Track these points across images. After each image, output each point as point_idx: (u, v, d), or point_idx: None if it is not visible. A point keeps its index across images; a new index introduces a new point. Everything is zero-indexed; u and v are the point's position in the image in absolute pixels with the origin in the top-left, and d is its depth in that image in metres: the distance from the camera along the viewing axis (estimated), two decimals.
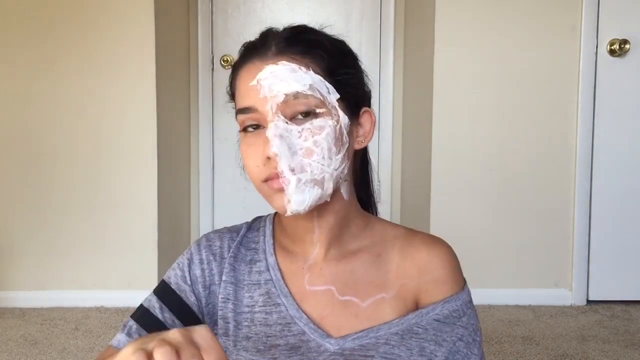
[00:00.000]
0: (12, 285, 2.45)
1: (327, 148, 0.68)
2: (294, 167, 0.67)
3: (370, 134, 0.76)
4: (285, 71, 0.68)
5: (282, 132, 0.67)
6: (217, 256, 0.79)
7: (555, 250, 2.47)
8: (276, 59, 0.69)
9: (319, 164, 0.68)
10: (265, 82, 0.68)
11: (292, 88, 0.67)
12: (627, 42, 2.37)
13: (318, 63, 0.70)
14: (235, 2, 2.99)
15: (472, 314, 0.76)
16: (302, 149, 0.67)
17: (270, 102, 0.67)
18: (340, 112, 0.70)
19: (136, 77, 2.41)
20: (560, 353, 1.97)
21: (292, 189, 0.67)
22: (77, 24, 2.40)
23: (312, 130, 0.68)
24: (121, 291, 2.43)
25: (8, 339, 2.09)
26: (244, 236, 0.82)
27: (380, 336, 0.73)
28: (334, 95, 0.70)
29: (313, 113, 0.68)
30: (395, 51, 2.99)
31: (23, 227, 2.45)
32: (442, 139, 2.45)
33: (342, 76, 0.71)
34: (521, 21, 2.41)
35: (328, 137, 0.68)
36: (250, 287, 0.78)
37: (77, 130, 2.42)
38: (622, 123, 2.44)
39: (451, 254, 0.78)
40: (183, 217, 2.96)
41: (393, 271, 0.76)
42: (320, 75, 0.69)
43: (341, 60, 0.73)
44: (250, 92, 0.69)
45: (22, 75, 2.42)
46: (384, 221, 0.81)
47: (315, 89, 0.68)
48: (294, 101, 0.67)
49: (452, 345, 0.73)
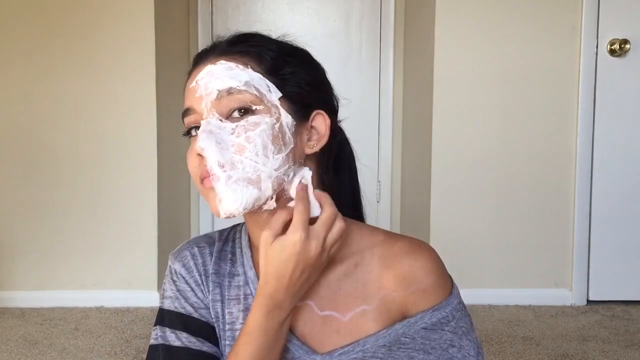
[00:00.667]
0: (12, 285, 2.45)
1: (261, 145, 0.65)
2: (224, 163, 0.64)
3: (325, 138, 0.72)
4: (221, 69, 0.67)
5: (212, 127, 0.65)
6: (203, 275, 0.77)
7: (555, 250, 2.47)
8: (216, 60, 0.68)
9: (251, 160, 0.64)
10: (202, 82, 0.67)
11: (225, 84, 0.66)
12: (627, 42, 2.36)
13: (257, 61, 0.68)
14: (235, 2, 2.99)
15: (461, 316, 0.73)
16: (233, 145, 0.65)
17: (205, 100, 0.67)
18: (282, 110, 0.67)
19: (136, 77, 2.40)
20: (561, 353, 1.97)
21: (222, 186, 0.64)
22: (77, 24, 2.39)
23: (246, 126, 0.65)
24: (121, 291, 2.43)
25: (8, 339, 2.09)
26: (220, 250, 0.79)
27: (367, 349, 0.70)
28: (276, 93, 0.67)
29: (250, 110, 0.66)
30: (395, 51, 2.99)
31: (23, 227, 2.45)
32: (442, 139, 2.45)
33: (286, 75, 0.69)
34: (521, 21, 2.41)
35: (263, 133, 0.65)
36: (229, 302, 0.75)
37: (77, 130, 2.42)
38: (622, 123, 2.44)
39: (435, 260, 0.73)
40: (183, 217, 2.95)
41: (373, 281, 0.72)
42: (260, 73, 0.67)
43: (287, 61, 0.70)
44: (190, 93, 0.69)
45: (22, 75, 2.42)
46: (361, 226, 0.77)
47: (251, 86, 0.66)
48: (227, 97, 0.66)
49: (443, 352, 0.71)
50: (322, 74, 0.75)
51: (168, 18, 2.62)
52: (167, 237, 2.56)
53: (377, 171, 3.04)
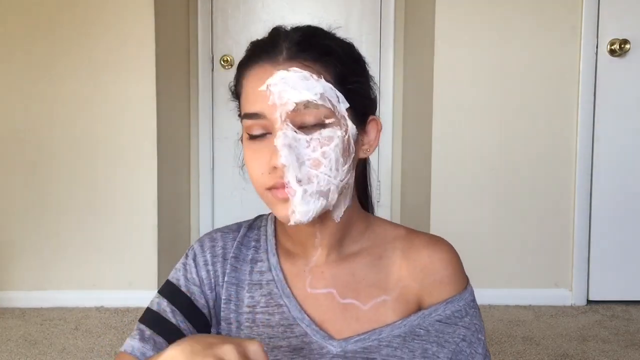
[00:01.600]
0: (12, 285, 2.45)
1: (334, 159, 0.66)
2: (301, 178, 0.65)
3: (375, 142, 0.74)
4: (296, 78, 0.65)
5: (290, 141, 0.65)
6: (220, 257, 0.78)
7: (555, 250, 2.47)
8: (287, 64, 0.66)
9: (325, 175, 0.66)
10: (275, 89, 0.65)
11: (302, 97, 0.65)
12: (627, 42, 2.36)
13: (330, 71, 0.67)
14: (235, 2, 2.99)
15: (475, 313, 0.76)
16: (309, 159, 0.65)
17: (280, 110, 0.65)
18: (349, 121, 0.68)
19: (136, 77, 2.40)
20: (561, 353, 1.97)
21: (298, 200, 0.66)
22: (77, 24, 2.39)
23: (321, 140, 0.66)
24: (121, 291, 2.43)
25: (8, 339, 2.09)
26: (244, 235, 0.80)
27: (383, 338, 0.72)
28: (344, 104, 0.67)
29: (322, 123, 0.66)
30: (395, 51, 2.99)
31: (23, 227, 2.45)
32: (442, 139, 2.45)
33: (352, 85, 0.69)
34: (521, 21, 2.41)
35: (337, 148, 0.66)
36: (251, 287, 0.77)
37: (76, 130, 2.42)
38: (622, 123, 2.44)
39: (453, 254, 0.77)
40: (183, 217, 2.95)
41: (394, 273, 0.75)
42: (331, 83, 0.67)
43: (352, 68, 0.71)
44: (259, 97, 0.66)
45: (21, 75, 2.41)
46: (384, 222, 0.80)
47: (325, 98, 0.66)
48: (304, 110, 0.65)
49: (455, 346, 0.73)
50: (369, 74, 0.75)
51: (168, 18, 2.62)
52: (167, 237, 2.56)
53: (377, 171, 3.04)
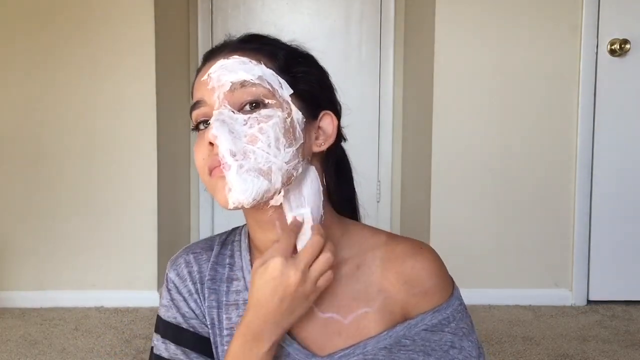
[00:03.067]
0: (12, 285, 2.45)
1: (274, 137, 0.65)
2: (236, 152, 0.64)
3: (331, 138, 0.73)
4: (235, 63, 0.68)
5: (225, 117, 0.65)
6: (199, 283, 0.77)
7: (555, 250, 2.46)
8: (229, 55, 0.69)
9: (264, 151, 0.64)
10: (214, 75, 0.67)
11: (239, 77, 0.67)
12: (627, 42, 2.36)
13: (271, 59, 0.69)
14: (235, 2, 2.99)
15: (462, 317, 0.73)
16: (246, 135, 0.65)
17: (217, 92, 0.67)
18: (293, 107, 0.68)
19: (136, 77, 2.40)
20: (561, 353, 1.97)
21: (233, 175, 0.64)
22: (77, 24, 2.39)
23: (259, 118, 0.66)
24: (121, 291, 2.43)
25: (8, 339, 2.09)
26: (218, 254, 0.78)
27: (368, 352, 0.70)
28: (287, 90, 0.68)
29: (262, 104, 0.66)
30: (395, 51, 2.99)
31: (23, 227, 2.45)
32: (442, 139, 2.45)
33: (297, 74, 0.70)
34: (521, 21, 2.41)
35: (275, 126, 0.65)
36: (227, 308, 0.75)
37: (77, 130, 2.42)
38: (622, 123, 2.44)
39: (437, 262, 0.74)
40: (183, 217, 2.95)
41: (375, 283, 0.72)
42: (272, 70, 0.68)
43: (298, 61, 0.72)
44: (201, 86, 0.69)
45: (21, 75, 2.41)
46: (362, 227, 0.77)
47: (264, 80, 0.67)
48: (240, 89, 0.66)
49: (444, 353, 0.71)
50: (329, 78, 0.77)
51: (168, 18, 2.62)
52: (167, 237, 2.56)
53: (377, 171, 3.04)
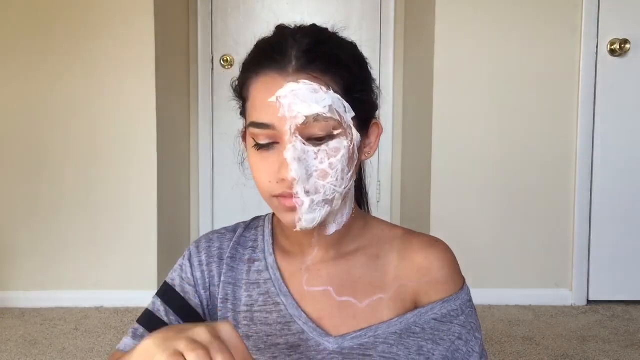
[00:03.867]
0: (12, 285, 2.45)
1: (341, 169, 0.68)
2: (309, 189, 0.67)
3: (375, 145, 0.75)
4: (306, 91, 0.65)
5: (300, 154, 0.66)
6: (216, 257, 0.80)
7: (555, 250, 2.46)
8: (296, 76, 0.66)
9: (332, 185, 0.67)
10: (285, 101, 0.65)
11: (312, 110, 0.65)
12: (627, 42, 2.36)
13: (338, 81, 0.68)
14: (235, 2, 2.99)
15: (471, 312, 0.77)
16: (317, 170, 0.67)
17: (290, 123, 0.65)
18: (354, 130, 0.69)
19: (136, 77, 2.40)
20: (561, 353, 1.97)
21: (305, 209, 0.67)
22: (76, 24, 2.39)
23: (328, 152, 0.67)
24: (121, 291, 2.43)
25: (8, 339, 2.09)
26: (241, 235, 0.82)
27: (379, 335, 0.73)
28: (350, 114, 0.68)
29: (330, 135, 0.67)
30: (395, 51, 2.99)
31: (23, 227, 2.45)
32: (442, 139, 2.45)
33: (358, 94, 0.70)
34: (521, 21, 2.41)
35: (343, 159, 0.67)
36: (248, 286, 0.78)
37: (77, 130, 2.42)
38: (622, 123, 2.44)
39: (450, 255, 0.78)
40: (183, 217, 2.95)
41: (391, 272, 0.76)
42: (339, 94, 0.67)
43: (359, 77, 0.71)
44: (268, 108, 0.66)
45: (22, 75, 2.41)
46: (382, 222, 0.81)
47: (334, 110, 0.66)
48: (313, 123, 0.66)
49: (451, 344, 0.74)
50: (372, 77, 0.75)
51: (168, 18, 2.62)
52: (167, 237, 2.56)
53: (377, 171, 3.04)
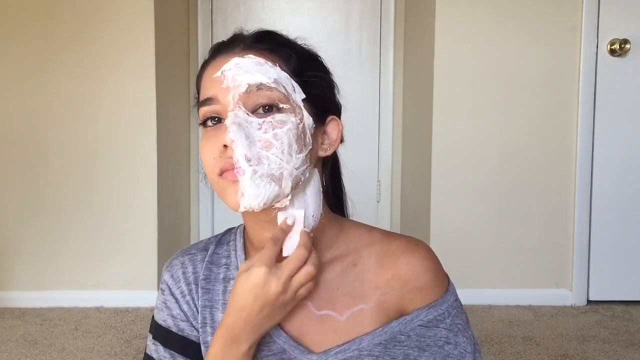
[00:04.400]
0: (12, 285, 2.45)
1: (287, 143, 0.66)
2: (251, 157, 0.64)
3: (336, 143, 0.74)
4: (250, 63, 0.67)
5: (240, 121, 0.65)
6: (193, 284, 0.77)
7: (555, 250, 2.46)
8: (243, 53, 0.68)
9: (277, 157, 0.65)
10: (229, 73, 0.67)
11: (256, 79, 0.66)
12: (627, 42, 2.36)
13: (285, 61, 0.69)
14: (235, 2, 2.99)
15: (457, 313, 0.74)
16: (260, 140, 0.65)
17: (233, 92, 0.66)
18: (304, 112, 0.68)
19: (136, 77, 2.40)
20: (561, 353, 1.97)
21: (247, 180, 0.64)
22: (76, 24, 2.39)
23: (274, 123, 0.66)
24: (121, 291, 2.43)
25: (8, 339, 2.09)
26: (213, 253, 0.79)
27: (363, 348, 0.70)
28: (300, 94, 0.68)
29: (276, 107, 0.66)
30: (395, 51, 2.99)
31: (23, 227, 2.45)
32: (442, 139, 2.45)
33: (309, 78, 0.70)
34: (521, 21, 2.41)
35: (289, 132, 0.66)
36: (224, 306, 0.75)
37: (77, 130, 2.42)
38: (622, 123, 2.44)
39: (431, 258, 0.74)
40: (183, 217, 2.95)
41: (371, 280, 0.73)
42: (286, 73, 0.68)
43: (309, 64, 0.72)
44: (214, 83, 0.68)
45: (22, 75, 2.41)
46: (358, 226, 0.78)
47: (280, 84, 0.67)
48: (256, 92, 0.66)
49: (439, 349, 0.71)
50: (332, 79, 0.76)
51: (168, 18, 2.62)
52: (167, 237, 2.56)
53: (377, 171, 3.04)
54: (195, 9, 2.96)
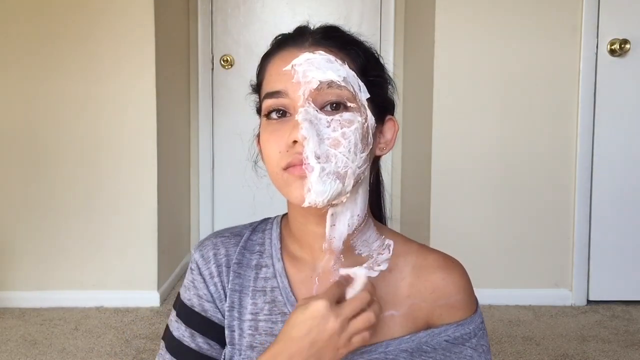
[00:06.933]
0: (12, 285, 2.44)
1: (354, 142, 0.66)
2: (320, 154, 0.64)
3: (392, 143, 0.75)
4: (321, 60, 0.67)
5: (311, 117, 0.65)
6: (224, 266, 0.78)
7: (555, 250, 2.46)
8: (313, 49, 0.68)
9: (344, 156, 0.65)
10: (300, 68, 0.66)
11: (327, 76, 0.66)
12: (627, 42, 2.36)
13: (353, 60, 0.69)
14: (235, 2, 2.99)
15: (482, 335, 0.75)
16: (329, 138, 0.65)
17: (304, 88, 0.66)
18: (368, 111, 0.68)
19: (136, 77, 2.40)
20: (561, 353, 1.97)
21: (315, 177, 0.64)
22: (77, 24, 2.39)
23: (342, 122, 0.66)
24: (121, 291, 2.43)
25: (8, 339, 2.09)
26: (247, 239, 0.79)
27: (389, 352, 0.71)
28: (365, 94, 0.68)
29: (344, 106, 0.67)
30: (395, 50, 2.99)
31: (23, 227, 2.45)
32: (442, 139, 2.45)
33: (373, 77, 0.71)
34: (521, 21, 2.41)
35: (357, 131, 0.66)
36: (254, 293, 0.76)
37: (77, 130, 2.42)
38: (622, 123, 2.44)
39: (466, 279, 0.75)
40: (183, 217, 2.95)
41: (404, 288, 0.74)
42: (354, 71, 0.68)
43: (374, 63, 0.73)
44: (283, 76, 0.67)
45: (22, 75, 2.41)
46: (396, 234, 0.79)
47: (348, 82, 0.67)
48: (327, 90, 0.66)
49: None
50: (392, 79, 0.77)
51: (168, 18, 2.62)
52: (167, 237, 2.56)
53: None
54: (195, 9, 2.96)
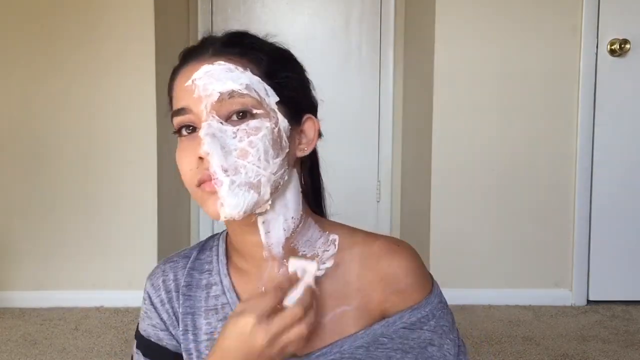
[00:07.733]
0: (12, 285, 2.45)
1: (263, 150, 0.65)
2: (227, 167, 0.64)
3: (313, 142, 0.73)
4: (221, 70, 0.66)
5: (215, 131, 0.64)
6: (173, 291, 0.77)
7: (555, 250, 2.46)
8: (212, 60, 0.67)
9: (254, 165, 0.64)
10: (200, 82, 0.66)
11: (227, 87, 0.65)
12: (627, 42, 2.36)
13: (256, 65, 0.68)
14: (235, 2, 2.99)
15: (442, 315, 0.73)
16: (236, 149, 0.64)
17: (205, 102, 0.65)
18: (279, 115, 0.67)
19: (136, 77, 2.40)
20: (561, 353, 1.97)
21: (225, 191, 0.64)
22: (77, 24, 2.39)
23: (248, 131, 0.65)
24: (121, 291, 2.43)
25: (8, 339, 2.09)
26: (195, 259, 0.79)
27: (345, 350, 0.70)
28: (273, 97, 0.67)
29: (250, 114, 0.65)
30: (395, 51, 2.99)
31: (23, 227, 2.45)
32: (442, 139, 2.45)
33: (282, 79, 0.69)
34: (521, 21, 2.41)
35: (265, 138, 0.65)
36: (207, 312, 0.75)
37: (77, 130, 2.42)
38: (622, 123, 2.44)
39: (414, 260, 0.73)
40: (183, 217, 2.95)
41: (353, 282, 0.72)
42: (258, 77, 0.67)
43: (281, 64, 0.71)
44: (185, 93, 0.67)
45: (22, 75, 2.41)
46: (340, 226, 0.77)
47: (252, 89, 0.66)
48: (229, 100, 0.65)
49: (421, 350, 0.71)
50: (306, 76, 0.75)
51: (168, 18, 2.62)
52: (166, 237, 2.56)
53: (377, 171, 3.03)
54: (195, 9, 2.96)
